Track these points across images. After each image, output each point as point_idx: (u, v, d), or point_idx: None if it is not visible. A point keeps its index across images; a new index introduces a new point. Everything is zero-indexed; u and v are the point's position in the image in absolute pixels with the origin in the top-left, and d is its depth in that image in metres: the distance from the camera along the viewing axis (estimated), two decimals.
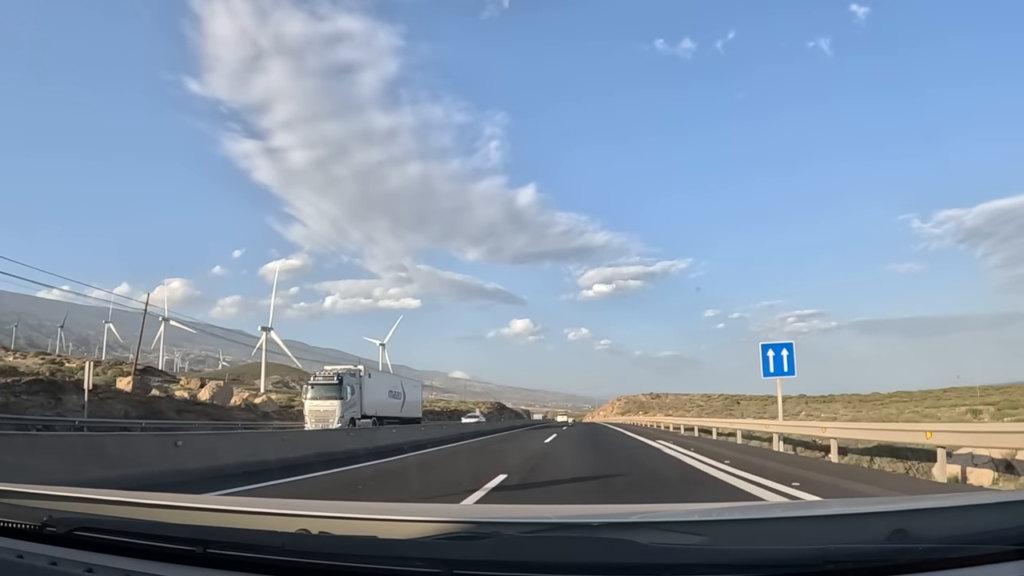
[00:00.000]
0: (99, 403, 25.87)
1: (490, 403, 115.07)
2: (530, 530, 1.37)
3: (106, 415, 24.85)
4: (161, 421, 26.45)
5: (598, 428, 39.69)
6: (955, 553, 1.19)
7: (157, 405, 30.84)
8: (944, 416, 32.66)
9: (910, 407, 39.19)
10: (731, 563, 1.18)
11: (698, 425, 25.99)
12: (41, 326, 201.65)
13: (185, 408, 32.89)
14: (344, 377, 29.72)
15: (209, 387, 42.21)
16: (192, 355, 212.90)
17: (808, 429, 14.40)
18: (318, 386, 29.64)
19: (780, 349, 16.65)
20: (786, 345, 16.75)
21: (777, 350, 16.63)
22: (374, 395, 32.49)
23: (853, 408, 41.62)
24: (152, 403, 30.91)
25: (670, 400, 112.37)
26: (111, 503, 1.53)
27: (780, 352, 16.58)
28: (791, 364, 16.42)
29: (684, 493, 7.16)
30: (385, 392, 35.14)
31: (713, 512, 1.83)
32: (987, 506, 1.45)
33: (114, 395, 29.78)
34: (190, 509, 1.58)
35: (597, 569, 1.18)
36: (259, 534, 1.35)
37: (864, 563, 1.16)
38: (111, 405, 27.15)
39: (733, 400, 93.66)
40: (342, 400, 28.77)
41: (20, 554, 1.38)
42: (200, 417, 31.10)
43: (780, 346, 16.75)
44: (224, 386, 44.58)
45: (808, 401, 66.55)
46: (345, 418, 28.36)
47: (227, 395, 42.03)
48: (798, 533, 1.34)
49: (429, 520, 1.37)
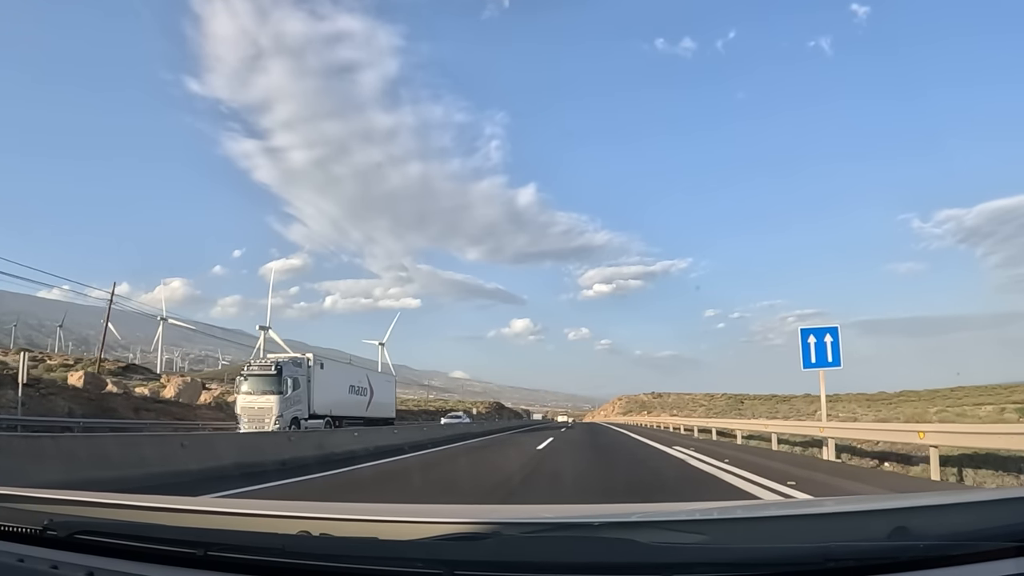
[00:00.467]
0: (40, 399, 23.75)
1: (488, 403, 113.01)
2: (531, 530, 1.37)
3: (47, 412, 22.67)
4: (108, 421, 23.99)
5: (599, 429, 37.87)
6: (956, 550, 1.19)
7: (110, 403, 28.08)
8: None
9: (935, 405, 37.64)
10: (732, 562, 1.18)
11: (716, 427, 22.48)
12: (41, 326, 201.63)
13: (144, 407, 30.17)
14: (285, 367, 24.56)
15: (174, 384, 38.97)
16: (192, 355, 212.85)
17: (893, 434, 10.20)
18: (252, 378, 24.22)
19: (823, 334, 13.49)
20: (830, 330, 13.59)
21: (820, 336, 13.49)
22: (328, 391, 27.69)
23: (873, 408, 40.37)
24: (105, 400, 28.21)
25: (672, 400, 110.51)
26: (112, 506, 1.53)
27: (823, 338, 13.45)
28: (836, 353, 13.38)
29: None
30: (344, 387, 30.14)
31: (714, 511, 1.83)
32: (988, 503, 1.45)
33: (59, 391, 26.75)
34: (191, 512, 1.58)
35: (598, 569, 1.18)
36: (260, 536, 1.35)
37: (865, 561, 1.16)
38: (53, 402, 24.64)
39: (737, 400, 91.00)
40: (281, 395, 23.65)
41: (21, 558, 1.38)
42: (161, 416, 28.81)
43: (823, 331, 13.56)
44: (191, 383, 41.00)
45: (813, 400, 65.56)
46: (286, 418, 23.52)
47: (194, 393, 38.45)
48: (799, 531, 1.34)
49: (430, 521, 1.37)
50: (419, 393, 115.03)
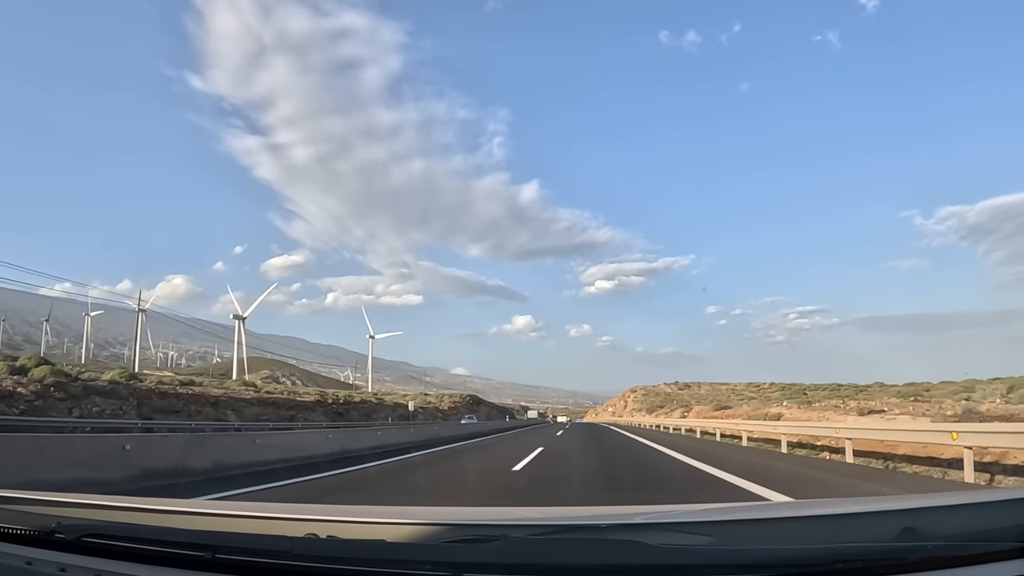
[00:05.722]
0: None
1: (459, 395, 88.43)
2: (538, 532, 1.37)
3: None
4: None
5: (619, 450, 16.29)
6: (964, 551, 1.19)
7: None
8: None
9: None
10: (740, 563, 1.18)
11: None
12: (39, 322, 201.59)
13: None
14: None
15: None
16: (190, 351, 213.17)
17: None
18: None
19: None
20: None
21: None
22: None
23: None
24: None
25: (705, 391, 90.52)
26: (120, 509, 1.53)
27: None
28: None
29: None
30: None
31: (721, 512, 1.83)
32: (996, 503, 1.45)
33: None
34: (198, 514, 1.58)
35: (606, 571, 1.19)
36: (268, 539, 1.35)
37: (874, 562, 1.16)
38: None
39: (800, 389, 70.36)
40: None
41: (29, 560, 1.38)
42: None
43: None
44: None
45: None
46: None
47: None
48: (807, 532, 1.34)
49: (437, 523, 1.37)
50: (418, 389, 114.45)
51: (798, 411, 30.35)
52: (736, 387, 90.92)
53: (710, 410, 45.18)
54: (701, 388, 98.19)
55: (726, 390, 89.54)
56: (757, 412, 32.17)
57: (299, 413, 38.99)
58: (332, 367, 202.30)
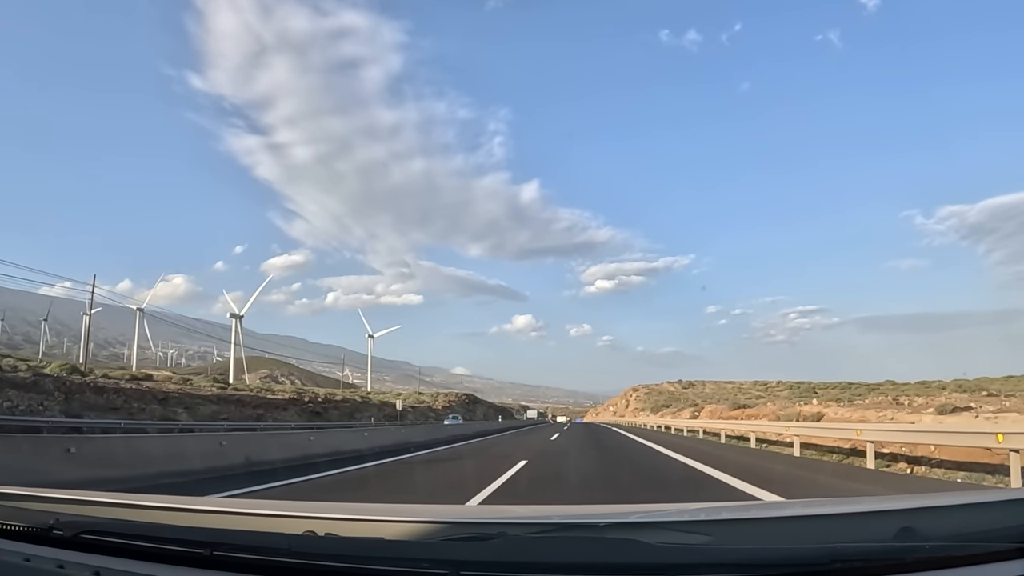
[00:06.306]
0: None
1: (455, 395, 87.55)
2: (536, 531, 1.37)
3: None
4: None
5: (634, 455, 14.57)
6: (962, 551, 1.19)
7: None
8: None
9: None
10: (738, 562, 1.18)
11: None
12: (39, 322, 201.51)
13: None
14: None
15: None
16: (190, 351, 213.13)
17: None
18: None
19: None
20: None
21: None
22: None
23: None
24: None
25: (710, 390, 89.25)
26: (118, 506, 1.53)
27: None
28: None
29: None
30: None
31: (719, 511, 1.82)
32: (994, 504, 1.45)
33: None
34: (197, 511, 1.58)
35: (604, 569, 1.19)
36: (266, 536, 1.35)
37: (871, 562, 1.16)
38: None
39: (808, 388, 68.27)
40: None
41: (27, 557, 1.39)
42: None
43: None
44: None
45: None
46: None
47: None
48: (805, 532, 1.34)
49: (435, 521, 1.37)
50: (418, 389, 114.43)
51: (842, 410, 26.98)
52: (742, 386, 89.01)
53: (727, 409, 40.07)
54: (706, 387, 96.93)
55: (732, 389, 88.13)
56: (788, 411, 26.87)
57: (268, 412, 35.92)
58: (332, 367, 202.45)
